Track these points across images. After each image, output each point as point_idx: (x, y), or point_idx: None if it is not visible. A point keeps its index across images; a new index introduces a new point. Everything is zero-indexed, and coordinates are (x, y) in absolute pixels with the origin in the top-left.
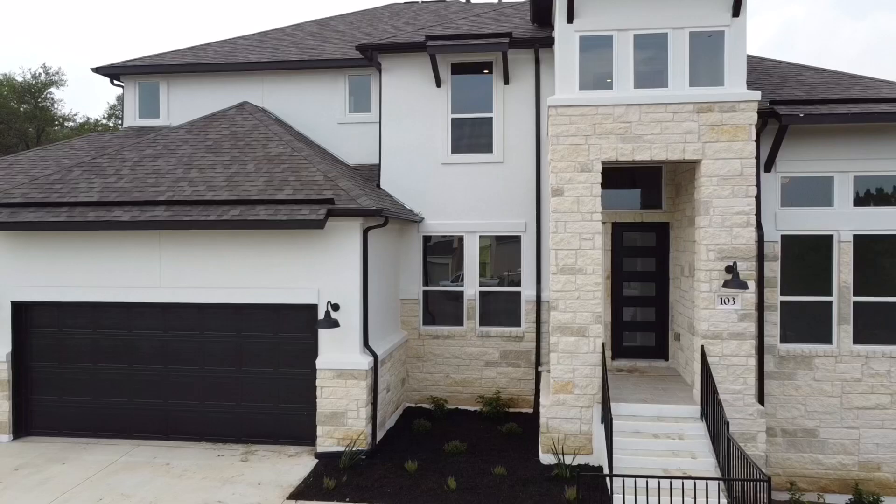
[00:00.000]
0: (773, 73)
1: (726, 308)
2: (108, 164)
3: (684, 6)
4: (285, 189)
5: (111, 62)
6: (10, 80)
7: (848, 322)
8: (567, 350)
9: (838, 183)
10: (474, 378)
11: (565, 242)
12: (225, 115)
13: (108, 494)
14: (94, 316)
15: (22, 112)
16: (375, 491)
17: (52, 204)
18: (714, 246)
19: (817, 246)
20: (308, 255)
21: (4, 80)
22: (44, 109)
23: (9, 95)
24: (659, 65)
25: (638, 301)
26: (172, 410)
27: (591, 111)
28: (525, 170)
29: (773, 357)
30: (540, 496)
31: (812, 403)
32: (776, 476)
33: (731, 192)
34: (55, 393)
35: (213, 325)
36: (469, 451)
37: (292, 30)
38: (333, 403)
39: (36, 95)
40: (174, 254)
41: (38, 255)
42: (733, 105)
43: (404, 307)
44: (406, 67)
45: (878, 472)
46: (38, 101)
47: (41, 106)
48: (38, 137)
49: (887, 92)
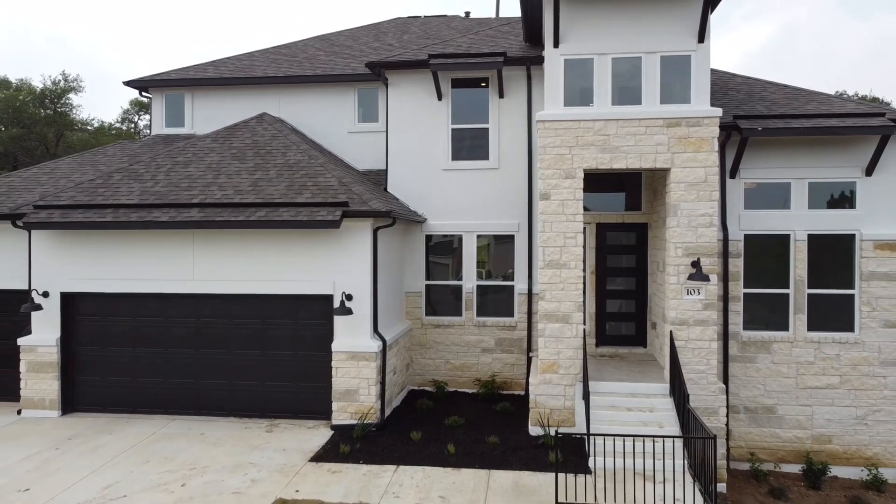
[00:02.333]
0: (741, 89)
1: (692, 298)
2: (145, 170)
3: (656, 34)
4: (304, 193)
5: (140, 76)
6: (27, 86)
7: (803, 311)
8: (553, 335)
9: (795, 188)
10: (472, 363)
11: (551, 241)
12: (247, 126)
13: (153, 458)
14: (133, 305)
15: (43, 116)
16: (385, 455)
17: (97, 206)
18: (681, 244)
19: (776, 244)
20: (325, 251)
21: (22, 85)
22: (62, 115)
23: (29, 101)
24: (634, 84)
25: (620, 294)
26: (203, 389)
27: (574, 125)
28: (518, 175)
29: (736, 342)
30: (527, 459)
31: (771, 384)
32: (739, 448)
33: (696, 197)
34: (99, 374)
35: (240, 313)
36: (466, 425)
37: (304, 44)
38: (347, 382)
39: (55, 101)
40: (206, 250)
41: (83, 251)
42: (698, 120)
43: (409, 299)
44: (410, 82)
45: (829, 444)
46: (58, 107)
47: (60, 111)
48: (57, 141)
49: (838, 108)
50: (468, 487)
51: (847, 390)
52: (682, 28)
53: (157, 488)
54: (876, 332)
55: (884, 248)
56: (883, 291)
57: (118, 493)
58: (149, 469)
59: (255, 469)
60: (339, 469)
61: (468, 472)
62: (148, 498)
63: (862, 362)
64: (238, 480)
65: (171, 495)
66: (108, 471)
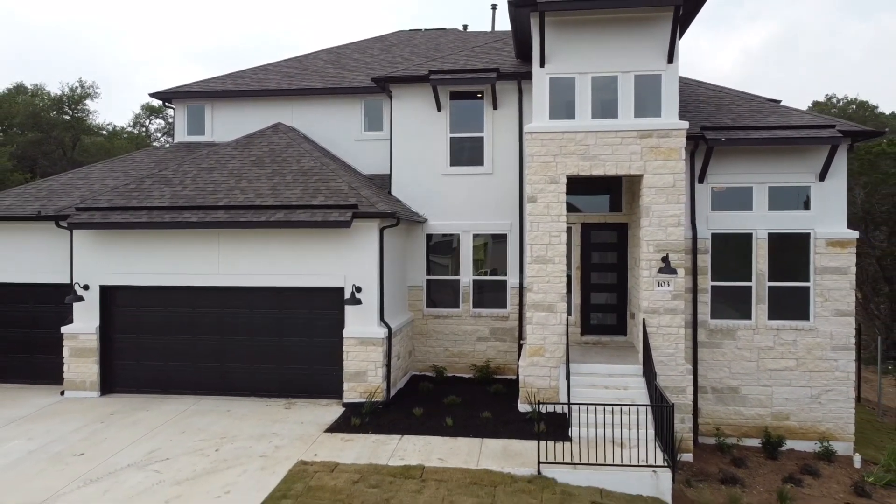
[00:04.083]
0: (711, 102)
1: (662, 290)
2: (173, 175)
3: (630, 56)
4: (318, 196)
5: (164, 88)
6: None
7: (764, 302)
8: (539, 322)
9: (756, 192)
10: (468, 350)
11: (538, 239)
12: (263, 135)
13: (188, 430)
14: (164, 297)
15: (60, 121)
16: (391, 427)
17: (133, 208)
18: (653, 241)
19: (740, 242)
20: (336, 248)
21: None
22: (79, 120)
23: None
24: (611, 99)
25: (603, 288)
26: (228, 372)
27: (558, 136)
28: (510, 180)
29: (704, 330)
30: (516, 430)
31: (735, 367)
32: (707, 425)
33: (665, 200)
34: (133, 358)
35: (260, 304)
36: (463, 403)
37: (314, 57)
38: (357, 365)
39: (73, 107)
40: (230, 247)
41: (120, 248)
42: (668, 132)
43: (411, 293)
44: (412, 95)
45: (787, 420)
46: (75, 112)
47: (76, 116)
48: (73, 146)
49: (795, 120)
50: (463, 451)
51: (803, 372)
52: (653, 51)
53: (194, 453)
54: (828, 320)
55: (835, 245)
56: (834, 284)
57: (161, 456)
58: (185, 438)
59: (277, 438)
60: (351, 438)
61: (463, 440)
62: (188, 460)
63: (816, 347)
64: (264, 447)
65: (207, 458)
66: (149, 440)
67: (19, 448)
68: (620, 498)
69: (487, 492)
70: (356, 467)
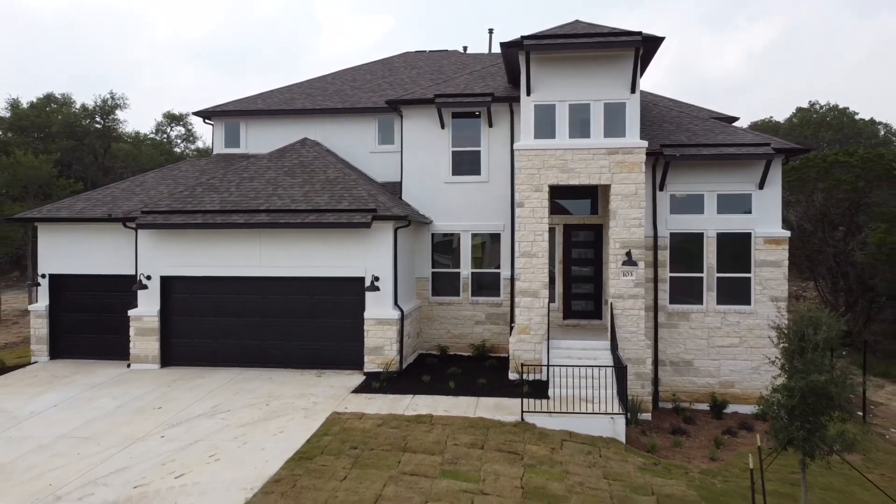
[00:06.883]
0: (673, 121)
1: (626, 279)
2: (220, 183)
3: (601, 87)
4: (343, 202)
5: (205, 107)
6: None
7: (713, 290)
8: (526, 306)
9: (707, 198)
10: (468, 332)
11: (525, 237)
12: (293, 148)
13: (240, 391)
14: (214, 285)
15: (93, 130)
16: (404, 389)
17: (189, 211)
18: (619, 239)
19: (694, 240)
20: (358, 244)
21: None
22: (110, 128)
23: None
24: (585, 121)
25: (582, 279)
26: (268, 348)
27: (541, 153)
28: (503, 187)
29: (664, 313)
30: (506, 391)
31: (689, 344)
32: (666, 392)
33: (629, 205)
34: (188, 337)
35: (294, 291)
36: (463, 373)
37: (333, 78)
38: (375, 341)
39: (105, 117)
40: (269, 244)
41: (176, 245)
42: (631, 149)
43: (419, 283)
44: (420, 114)
45: (732, 388)
46: (106, 122)
47: (108, 126)
48: (104, 152)
49: (740, 139)
50: (463, 405)
51: (745, 348)
52: (619, 82)
53: (250, 407)
54: (765, 304)
55: (771, 242)
56: (770, 275)
57: (224, 408)
58: (239, 398)
59: (314, 397)
60: (372, 397)
61: (463, 398)
62: (246, 412)
63: (755, 327)
64: (304, 402)
65: (260, 410)
66: (210, 399)
67: (107, 404)
68: (585, 438)
69: (482, 432)
70: (379, 416)
